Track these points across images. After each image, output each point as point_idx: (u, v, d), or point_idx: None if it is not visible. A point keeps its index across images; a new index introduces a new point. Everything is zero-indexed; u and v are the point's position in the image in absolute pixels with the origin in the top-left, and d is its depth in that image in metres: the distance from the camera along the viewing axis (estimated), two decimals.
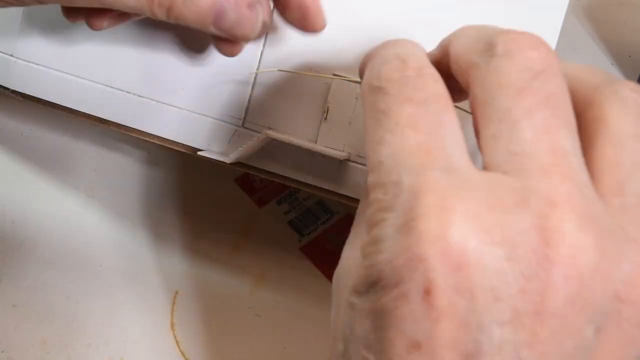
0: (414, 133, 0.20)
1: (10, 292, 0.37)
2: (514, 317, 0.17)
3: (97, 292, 0.37)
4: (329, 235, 0.40)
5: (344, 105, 0.32)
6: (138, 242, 0.39)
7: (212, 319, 0.37)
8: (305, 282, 0.39)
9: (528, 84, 0.20)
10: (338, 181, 0.32)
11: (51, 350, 0.35)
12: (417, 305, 0.17)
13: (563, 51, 0.47)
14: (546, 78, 0.20)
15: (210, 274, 0.38)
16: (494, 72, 0.20)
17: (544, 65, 0.20)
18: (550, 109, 0.19)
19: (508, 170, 0.19)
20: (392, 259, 0.18)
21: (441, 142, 0.20)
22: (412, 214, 0.18)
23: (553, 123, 0.19)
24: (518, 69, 0.20)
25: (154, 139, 0.33)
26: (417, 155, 0.19)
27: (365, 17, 0.31)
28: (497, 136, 0.19)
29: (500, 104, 0.20)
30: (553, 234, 0.17)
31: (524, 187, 0.18)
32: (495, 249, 0.17)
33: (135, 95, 0.33)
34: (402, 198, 0.18)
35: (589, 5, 0.50)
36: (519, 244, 0.17)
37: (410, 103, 0.20)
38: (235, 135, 0.32)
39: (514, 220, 0.18)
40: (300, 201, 0.41)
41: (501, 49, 0.20)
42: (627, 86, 0.21)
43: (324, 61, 0.32)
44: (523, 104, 0.19)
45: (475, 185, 0.18)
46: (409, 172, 0.19)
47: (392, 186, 0.19)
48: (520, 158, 0.19)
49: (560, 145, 0.19)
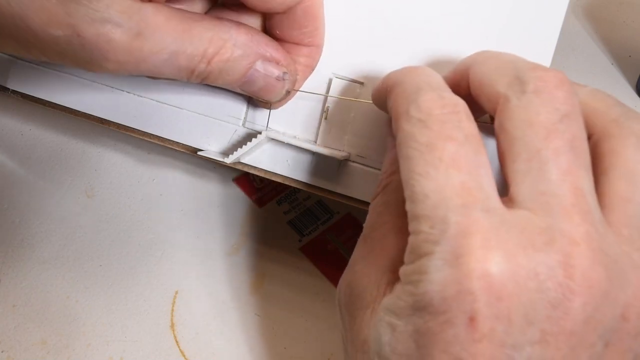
0: (457, 172, 0.22)
1: (10, 292, 0.37)
2: (542, 338, 0.21)
3: (97, 292, 0.37)
4: (329, 235, 0.40)
5: (344, 105, 0.32)
6: (138, 242, 0.39)
7: (212, 319, 0.37)
8: (305, 282, 0.39)
9: (555, 126, 0.22)
10: (338, 181, 0.32)
11: (51, 350, 0.35)
12: (461, 329, 0.21)
13: (563, 51, 0.47)
14: (570, 121, 0.23)
15: (210, 274, 0.38)
16: (524, 110, 0.23)
17: (568, 106, 0.23)
18: (572, 151, 0.22)
19: (535, 209, 0.22)
20: (442, 290, 0.21)
21: (480, 182, 0.22)
22: (460, 251, 0.21)
23: (574, 165, 0.22)
24: (547, 110, 0.23)
25: (154, 139, 0.33)
26: (461, 195, 0.22)
27: (366, 16, 0.31)
28: (526, 173, 0.22)
29: (531, 143, 0.23)
30: (574, 270, 0.21)
31: (550, 227, 0.21)
32: (528, 282, 0.21)
33: (135, 95, 0.33)
34: (449, 234, 0.21)
35: (589, 5, 0.50)
36: (548, 278, 0.21)
37: (452, 141, 0.23)
38: (235, 135, 0.32)
39: (543, 258, 0.21)
40: (300, 201, 0.41)
41: (532, 86, 0.23)
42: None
43: (324, 61, 0.32)
44: (552, 145, 0.22)
45: (510, 226, 0.22)
46: (455, 210, 0.22)
47: (439, 222, 0.22)
48: (547, 197, 0.22)
49: (580, 186, 0.22)
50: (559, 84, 0.23)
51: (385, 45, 0.31)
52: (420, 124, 0.23)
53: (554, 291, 0.21)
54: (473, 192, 0.22)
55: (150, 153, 0.41)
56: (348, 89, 0.32)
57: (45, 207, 0.39)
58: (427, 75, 0.26)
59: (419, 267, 0.22)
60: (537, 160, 0.22)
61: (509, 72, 0.24)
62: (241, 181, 0.41)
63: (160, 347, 0.36)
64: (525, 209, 0.22)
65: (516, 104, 0.23)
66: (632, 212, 0.23)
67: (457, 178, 0.22)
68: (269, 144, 0.32)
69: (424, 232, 0.22)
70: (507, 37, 0.31)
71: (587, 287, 0.21)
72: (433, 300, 0.21)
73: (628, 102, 0.46)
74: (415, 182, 0.23)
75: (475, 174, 0.22)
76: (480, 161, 0.23)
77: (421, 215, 0.22)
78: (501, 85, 0.24)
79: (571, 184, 0.22)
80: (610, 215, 0.23)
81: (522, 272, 0.21)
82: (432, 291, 0.21)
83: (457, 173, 0.22)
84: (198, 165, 0.41)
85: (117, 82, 0.33)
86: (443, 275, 0.21)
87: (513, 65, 0.24)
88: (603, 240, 0.22)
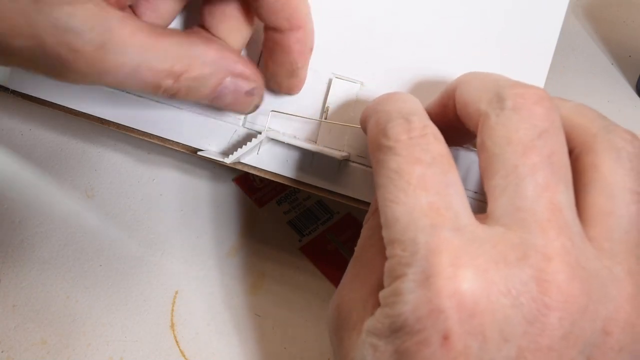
0: (425, 193, 0.22)
1: (10, 292, 0.37)
2: (519, 354, 0.21)
3: (97, 292, 0.37)
4: (329, 235, 0.40)
5: (343, 105, 0.32)
6: (138, 242, 0.39)
7: (212, 319, 0.37)
8: (305, 282, 0.39)
9: (533, 143, 0.23)
10: (338, 181, 0.32)
11: (51, 350, 0.35)
12: (437, 349, 0.21)
13: (563, 51, 0.47)
14: (549, 136, 0.23)
15: (210, 274, 0.38)
16: (503, 127, 0.23)
17: (547, 122, 0.23)
18: (550, 167, 0.22)
19: (510, 224, 0.22)
20: (415, 310, 0.21)
21: (449, 201, 0.22)
22: (430, 271, 0.21)
23: (552, 180, 0.22)
24: (525, 126, 0.23)
25: (154, 139, 0.33)
26: (429, 215, 0.22)
27: (366, 17, 0.31)
28: (503, 189, 0.23)
29: (508, 160, 0.23)
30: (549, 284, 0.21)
31: (523, 242, 0.22)
32: (501, 298, 0.21)
33: (135, 95, 0.33)
34: (420, 255, 0.22)
35: (589, 5, 0.50)
36: (521, 293, 0.21)
37: (419, 164, 0.23)
38: (235, 135, 0.32)
39: (516, 274, 0.21)
40: (300, 201, 0.41)
41: (510, 103, 0.23)
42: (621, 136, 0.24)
43: (324, 61, 0.32)
44: (529, 162, 0.22)
45: (482, 242, 0.22)
46: (423, 231, 0.22)
47: (410, 243, 0.22)
48: (522, 213, 0.22)
49: (557, 201, 0.22)
50: (538, 100, 0.23)
51: (385, 45, 0.31)
52: (390, 152, 0.24)
53: (528, 306, 0.21)
54: (441, 212, 0.22)
55: (150, 153, 0.41)
56: (347, 89, 0.32)
57: (45, 207, 0.39)
58: (401, 101, 0.26)
59: (394, 290, 0.22)
60: (514, 176, 0.22)
61: (490, 89, 0.24)
62: (241, 181, 0.41)
63: (160, 347, 0.36)
64: (500, 225, 0.22)
65: (495, 120, 0.23)
66: (612, 225, 0.23)
67: (425, 199, 0.22)
68: (268, 144, 0.32)
69: (397, 255, 0.22)
70: (507, 37, 0.31)
71: (562, 301, 0.21)
72: (408, 320, 0.21)
73: (628, 102, 0.46)
74: (387, 208, 0.23)
75: (444, 194, 0.23)
76: (449, 180, 0.23)
77: (394, 239, 0.23)
78: (482, 103, 0.24)
79: (548, 199, 0.22)
80: (591, 229, 0.23)
81: (495, 288, 0.21)
82: (406, 312, 0.21)
83: (425, 194, 0.22)
84: (198, 166, 0.41)
85: None
86: (415, 296, 0.21)
87: (494, 82, 0.25)
88: (581, 254, 0.22)
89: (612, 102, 0.46)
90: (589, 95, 0.46)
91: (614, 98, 0.46)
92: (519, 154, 0.22)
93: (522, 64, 0.31)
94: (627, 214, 0.23)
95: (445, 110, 0.27)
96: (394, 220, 0.23)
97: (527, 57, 0.31)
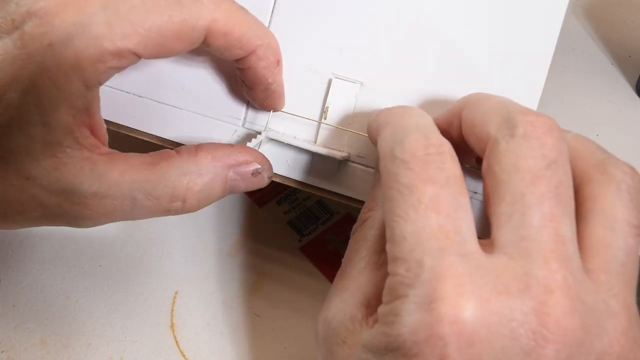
0: (436, 215, 0.22)
1: (10, 292, 0.37)
2: None
3: (97, 292, 0.37)
4: (329, 235, 0.40)
5: (343, 105, 0.32)
6: (138, 242, 0.39)
7: (212, 319, 0.37)
8: (305, 282, 0.39)
9: (542, 172, 0.23)
10: (338, 181, 0.32)
11: (51, 350, 0.35)
12: None
13: (563, 51, 0.47)
14: (557, 167, 0.23)
15: (210, 274, 0.38)
16: (512, 154, 0.23)
17: (556, 152, 0.23)
18: (557, 198, 0.22)
19: (513, 253, 0.22)
20: (414, 333, 0.21)
21: (458, 225, 0.22)
22: (433, 295, 0.21)
23: (558, 212, 0.22)
24: (535, 155, 0.23)
25: (154, 139, 0.33)
26: (438, 238, 0.22)
27: (365, 17, 0.31)
28: (509, 216, 0.23)
29: (515, 188, 0.23)
30: (549, 317, 0.21)
31: (526, 273, 0.22)
32: (501, 328, 0.21)
33: (135, 95, 0.33)
34: (423, 278, 0.21)
35: (589, 5, 0.50)
36: (521, 324, 0.21)
37: (433, 184, 0.23)
38: (235, 135, 0.32)
39: (517, 305, 0.21)
40: (300, 201, 0.41)
41: (521, 130, 0.23)
42: (621, 169, 0.25)
43: (324, 61, 0.32)
44: (536, 191, 0.22)
45: (486, 271, 0.22)
46: (430, 254, 0.22)
47: (415, 264, 0.22)
48: (526, 243, 0.22)
49: (561, 232, 0.22)
50: (548, 130, 0.23)
51: (385, 46, 0.31)
52: (403, 165, 0.23)
53: (526, 338, 0.21)
54: (450, 236, 0.22)
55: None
56: (347, 89, 0.32)
57: None
58: (416, 116, 0.26)
59: (393, 309, 0.22)
60: (520, 204, 0.22)
61: (500, 114, 0.24)
62: None
63: (160, 347, 0.36)
64: (503, 254, 0.22)
65: (505, 147, 0.23)
66: (610, 258, 0.23)
67: (435, 221, 0.22)
68: (268, 144, 0.32)
69: (400, 274, 0.22)
70: (507, 37, 0.31)
71: (561, 335, 0.21)
72: (405, 342, 0.21)
73: (628, 102, 0.46)
74: (395, 224, 0.23)
75: (454, 217, 0.22)
76: (460, 204, 0.23)
77: (399, 257, 0.22)
78: (491, 126, 0.24)
79: (552, 231, 0.22)
80: (589, 261, 0.23)
81: (495, 318, 0.21)
82: (404, 334, 0.21)
83: (436, 216, 0.22)
84: None
85: (117, 82, 0.33)
86: (415, 319, 0.21)
87: (504, 107, 0.24)
88: (580, 287, 0.22)
89: (612, 102, 0.46)
90: (589, 95, 0.46)
91: (614, 98, 0.46)
92: (527, 182, 0.22)
93: (522, 64, 0.31)
94: (625, 246, 0.24)
95: (450, 128, 0.27)
96: (401, 238, 0.23)
97: (527, 57, 0.31)
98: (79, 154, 0.26)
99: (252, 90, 0.31)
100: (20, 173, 0.25)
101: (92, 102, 0.26)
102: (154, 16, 0.25)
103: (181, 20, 0.26)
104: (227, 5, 0.27)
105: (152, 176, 0.27)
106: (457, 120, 0.27)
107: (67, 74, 0.24)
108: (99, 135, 0.27)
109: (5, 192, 0.26)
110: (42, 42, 0.24)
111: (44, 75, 0.24)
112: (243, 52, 0.28)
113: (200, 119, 0.32)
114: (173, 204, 0.28)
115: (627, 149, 0.43)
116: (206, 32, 0.27)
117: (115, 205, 0.27)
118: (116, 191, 0.27)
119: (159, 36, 0.25)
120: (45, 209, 0.26)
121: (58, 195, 0.26)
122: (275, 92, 0.31)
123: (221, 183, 0.29)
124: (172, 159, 0.28)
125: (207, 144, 0.29)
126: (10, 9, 0.25)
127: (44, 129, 0.25)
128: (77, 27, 0.24)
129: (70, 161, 0.26)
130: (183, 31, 0.26)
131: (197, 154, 0.29)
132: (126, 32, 0.25)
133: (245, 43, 0.28)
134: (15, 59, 0.24)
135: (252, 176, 0.30)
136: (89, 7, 0.25)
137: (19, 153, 0.25)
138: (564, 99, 0.46)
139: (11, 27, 0.25)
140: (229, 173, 0.29)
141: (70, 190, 0.26)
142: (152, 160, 0.28)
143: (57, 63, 0.24)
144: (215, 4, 0.27)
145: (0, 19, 0.25)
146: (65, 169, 0.26)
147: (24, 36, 0.24)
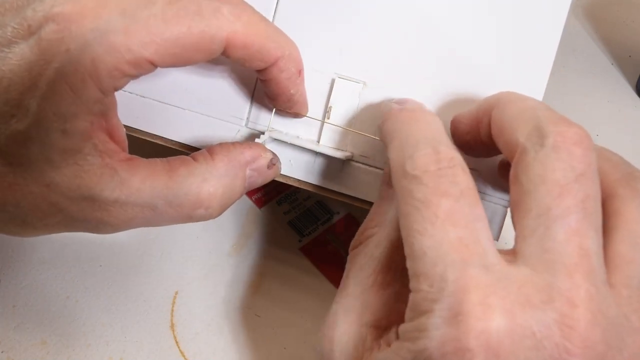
0: (454, 227, 0.22)
1: (10, 292, 0.37)
2: None
3: (97, 292, 0.37)
4: (329, 235, 0.40)
5: (346, 105, 0.32)
6: (138, 242, 0.39)
7: (212, 319, 0.37)
8: (305, 282, 0.39)
9: (570, 185, 0.22)
10: (341, 181, 0.32)
11: (51, 350, 0.35)
12: None
13: (563, 51, 0.47)
14: (586, 180, 0.23)
15: (210, 274, 0.38)
16: (540, 165, 0.23)
17: (585, 165, 0.23)
18: (583, 212, 0.22)
19: (537, 265, 0.22)
20: (441, 346, 0.21)
21: (477, 236, 0.22)
22: (459, 309, 0.21)
23: (584, 225, 0.22)
24: (563, 167, 0.23)
25: (156, 139, 0.33)
26: (458, 250, 0.22)
27: (367, 17, 0.31)
28: (534, 229, 0.23)
29: (542, 200, 0.23)
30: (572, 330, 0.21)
31: (549, 285, 0.22)
32: (525, 340, 0.21)
33: (137, 95, 0.33)
34: (448, 291, 0.22)
35: (589, 5, 0.50)
36: (545, 337, 0.21)
37: (447, 197, 0.23)
38: (238, 135, 0.32)
39: (540, 317, 0.21)
40: (300, 201, 0.41)
41: (551, 141, 0.23)
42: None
43: (327, 61, 0.32)
44: (563, 204, 0.22)
45: (509, 282, 0.22)
46: (453, 266, 0.22)
47: (438, 279, 0.22)
48: (550, 255, 0.22)
49: (586, 246, 0.22)
50: (579, 141, 0.23)
51: (388, 45, 0.31)
52: (416, 181, 0.23)
53: (550, 350, 0.21)
54: (470, 247, 0.22)
55: (151, 153, 0.41)
56: (350, 89, 0.32)
57: None
58: (426, 124, 0.26)
59: (419, 325, 0.22)
60: (546, 217, 0.22)
61: (530, 121, 0.24)
62: None
63: (160, 347, 0.36)
64: (527, 266, 0.22)
65: (533, 157, 0.23)
66: (632, 273, 0.24)
67: (454, 233, 0.22)
68: (271, 144, 0.32)
69: (423, 290, 0.22)
70: (508, 37, 0.31)
71: (583, 347, 0.21)
72: (432, 356, 0.21)
73: (628, 102, 0.46)
74: (414, 240, 0.23)
75: (472, 228, 0.23)
76: (476, 215, 0.23)
77: (420, 273, 0.22)
78: (520, 134, 0.24)
79: (577, 244, 0.22)
80: (612, 276, 0.23)
81: (519, 329, 0.21)
82: (431, 347, 0.21)
83: (454, 228, 0.22)
84: None
85: None
86: (442, 332, 0.21)
87: (534, 113, 0.24)
88: (603, 301, 0.22)
89: (612, 102, 0.46)
90: (589, 95, 0.46)
91: (614, 98, 0.46)
92: (554, 195, 0.22)
93: (525, 63, 0.31)
94: None
95: (479, 126, 0.27)
96: (421, 253, 0.23)
97: (529, 57, 0.31)
98: (99, 161, 0.26)
99: (275, 101, 0.31)
100: (40, 180, 0.25)
101: (109, 107, 0.26)
102: (172, 26, 0.25)
103: (200, 31, 0.25)
104: (248, 16, 0.27)
105: (173, 183, 0.27)
106: (486, 119, 0.27)
107: (85, 80, 0.24)
108: (119, 140, 0.27)
109: (25, 199, 0.25)
110: (60, 48, 0.24)
111: (62, 81, 0.24)
112: (264, 64, 0.28)
113: (204, 119, 0.32)
114: (196, 211, 0.28)
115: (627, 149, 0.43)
116: (225, 43, 0.26)
117: (137, 212, 0.27)
118: (137, 198, 0.26)
119: (176, 46, 0.25)
120: (65, 215, 0.26)
121: (79, 202, 0.26)
122: (298, 103, 0.31)
123: (241, 183, 0.29)
124: (191, 165, 0.28)
125: (218, 146, 0.29)
126: (27, 14, 0.24)
127: (63, 135, 0.25)
128: (94, 34, 0.24)
129: (90, 168, 0.25)
130: (202, 42, 0.26)
131: (213, 159, 0.29)
132: (144, 41, 0.24)
133: (266, 55, 0.28)
134: (33, 64, 0.24)
135: (267, 169, 0.30)
136: (107, 13, 0.24)
137: (38, 160, 0.25)
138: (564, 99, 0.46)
139: (27, 32, 0.24)
140: (247, 171, 0.29)
141: (91, 197, 0.26)
142: (171, 167, 0.28)
143: (74, 69, 0.24)
144: (235, 15, 0.26)
145: (17, 25, 0.24)
146: (86, 176, 0.25)
147: (41, 42, 0.24)
